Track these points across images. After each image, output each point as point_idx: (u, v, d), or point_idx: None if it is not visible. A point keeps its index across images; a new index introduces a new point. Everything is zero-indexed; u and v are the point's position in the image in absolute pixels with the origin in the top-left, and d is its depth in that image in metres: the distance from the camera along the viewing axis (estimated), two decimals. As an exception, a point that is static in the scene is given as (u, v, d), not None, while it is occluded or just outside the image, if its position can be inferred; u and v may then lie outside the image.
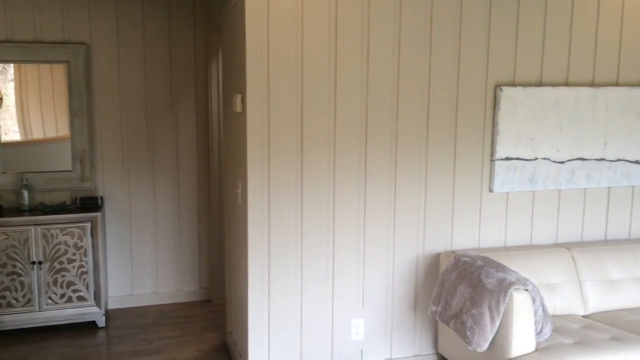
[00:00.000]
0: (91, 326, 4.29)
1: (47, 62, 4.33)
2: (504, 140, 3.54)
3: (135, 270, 4.71)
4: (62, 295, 4.15)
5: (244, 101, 3.18)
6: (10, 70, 4.36)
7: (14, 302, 4.07)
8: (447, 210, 3.55)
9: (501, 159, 3.55)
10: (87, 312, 4.22)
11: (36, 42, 4.27)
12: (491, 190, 3.59)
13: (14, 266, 4.04)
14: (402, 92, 3.38)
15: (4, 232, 4.00)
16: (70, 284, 4.16)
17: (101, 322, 4.28)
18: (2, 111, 4.33)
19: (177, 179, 4.73)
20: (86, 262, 4.17)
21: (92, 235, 4.15)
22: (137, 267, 4.71)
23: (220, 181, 4.69)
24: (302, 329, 3.39)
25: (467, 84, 3.48)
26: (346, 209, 3.37)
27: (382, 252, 3.47)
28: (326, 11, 3.19)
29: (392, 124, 3.39)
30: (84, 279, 4.18)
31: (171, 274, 4.80)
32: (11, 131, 4.41)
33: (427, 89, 3.42)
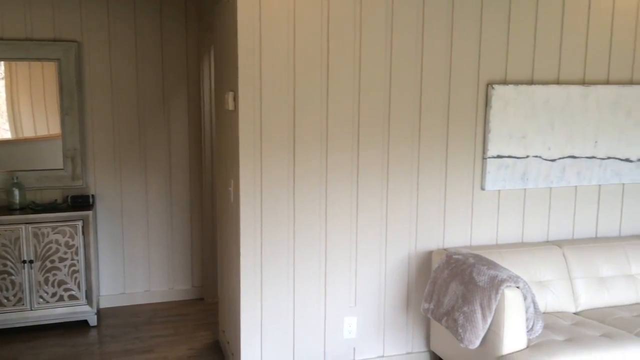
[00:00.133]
0: (83, 325, 4.27)
1: (38, 59, 4.30)
2: (495, 138, 3.56)
3: (127, 268, 4.69)
4: (54, 294, 4.13)
5: (236, 99, 3.18)
6: (0, 68, 4.33)
7: (5, 301, 4.05)
8: (439, 208, 3.56)
9: (493, 157, 3.57)
10: (79, 311, 4.20)
11: (27, 40, 4.25)
12: (483, 188, 3.61)
13: (4, 265, 4.02)
14: (394, 91, 3.38)
15: (-5, 231, 3.98)
16: (61, 283, 4.14)
17: (93, 321, 4.26)
18: (-8, 109, 4.30)
19: (169, 177, 4.72)
20: (77, 260, 4.15)
21: (83, 233, 4.14)
22: (129, 265, 4.70)
23: (212, 179, 4.68)
24: (295, 327, 3.39)
25: (459, 82, 3.49)
26: (338, 207, 3.37)
27: (374, 250, 3.48)
28: (318, 9, 3.19)
29: (384, 122, 3.39)
30: (76, 278, 4.16)
31: (163, 273, 4.79)
32: (2, 129, 4.39)
33: (419, 87, 3.42)
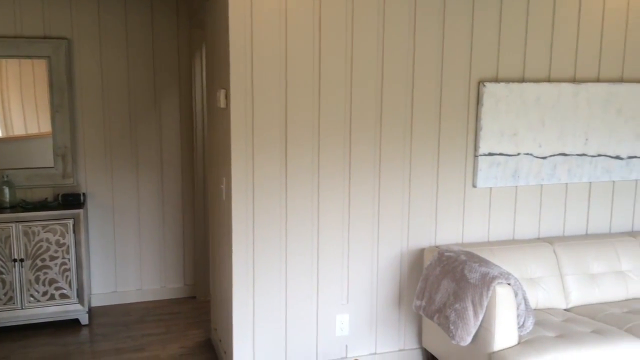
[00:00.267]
0: (74, 324, 4.25)
1: (28, 57, 4.27)
2: (487, 135, 3.57)
3: (118, 267, 4.68)
4: (45, 293, 4.11)
5: (227, 97, 3.17)
6: (-11, 65, 4.29)
7: (-5, 300, 4.03)
8: (431, 205, 3.57)
9: (484, 155, 3.58)
10: (70, 309, 4.18)
11: (16, 37, 4.21)
12: (474, 185, 3.62)
13: (-6, 264, 4.00)
14: (386, 89, 3.38)
15: (-15, 230, 3.95)
16: (52, 282, 4.12)
17: (84, 319, 4.24)
18: (-19, 107, 4.27)
19: (160, 175, 4.70)
20: (68, 259, 4.13)
21: (74, 232, 4.12)
22: (120, 264, 4.68)
23: (204, 177, 4.67)
24: (287, 325, 3.39)
25: (451, 80, 3.49)
26: (331, 204, 3.38)
27: (366, 248, 3.48)
28: (310, 7, 3.18)
29: (376, 120, 3.39)
30: (67, 277, 4.14)
31: (155, 271, 4.77)
32: (-9, 127, 4.35)
33: (411, 85, 3.43)
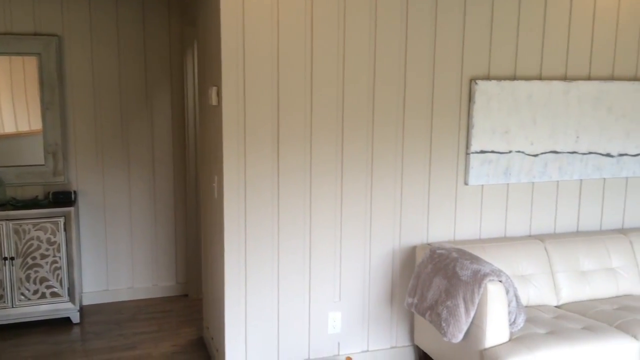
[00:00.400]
0: (65, 322, 4.23)
1: (18, 54, 4.24)
2: (479, 133, 3.58)
3: (110, 265, 4.66)
4: (35, 291, 4.09)
5: (219, 94, 3.16)
6: (-21, 62, 4.26)
7: (-14, 298, 4.01)
8: (423, 203, 3.58)
9: (476, 152, 3.59)
10: (61, 308, 4.16)
11: (6, 34, 4.18)
12: (466, 183, 3.63)
13: (-15, 262, 3.97)
14: (378, 87, 3.38)
15: (-25, 228, 3.93)
16: (43, 280, 4.10)
17: (75, 318, 4.23)
18: (-29, 104, 4.24)
19: (152, 172, 4.69)
20: (60, 257, 4.11)
21: (65, 230, 4.10)
22: (112, 262, 4.66)
23: (196, 175, 4.65)
24: (279, 323, 3.39)
25: (443, 77, 3.50)
26: (323, 202, 3.37)
27: (358, 245, 3.49)
28: (302, 3, 3.17)
29: (368, 117, 3.39)
30: (58, 275, 4.12)
31: (147, 269, 4.76)
32: (-19, 125, 4.32)
33: (402, 82, 3.43)
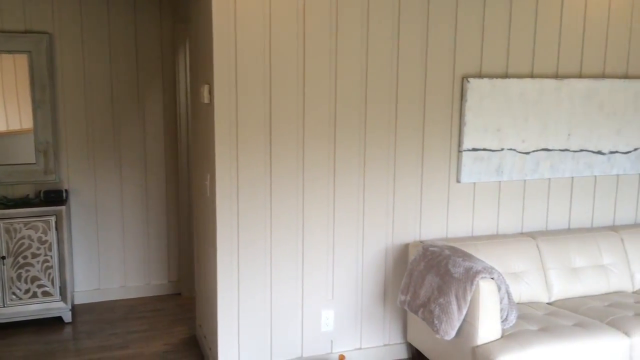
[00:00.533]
0: (57, 322, 4.21)
1: (9, 52, 4.21)
2: (471, 131, 3.58)
3: (102, 264, 4.64)
4: (27, 290, 4.07)
5: (211, 92, 3.15)
6: (-31, 60, 4.23)
7: (-24, 298, 3.98)
8: (415, 201, 3.58)
9: (468, 150, 3.60)
10: (53, 307, 4.14)
11: (-4, 31, 4.16)
12: (459, 180, 3.64)
13: (-25, 262, 3.95)
14: (370, 85, 3.38)
15: (-35, 227, 3.90)
16: (34, 279, 4.07)
17: (67, 317, 4.21)
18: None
19: (144, 170, 4.67)
20: (51, 256, 4.09)
21: (56, 229, 4.07)
22: (104, 261, 4.64)
23: (189, 173, 4.64)
24: (272, 321, 3.39)
25: (435, 76, 3.50)
26: (316, 199, 3.37)
27: (351, 243, 3.49)
28: (294, 1, 3.17)
29: (360, 115, 3.39)
30: (49, 274, 4.10)
31: (139, 268, 4.74)
32: (-29, 123, 4.29)
33: (395, 81, 3.43)
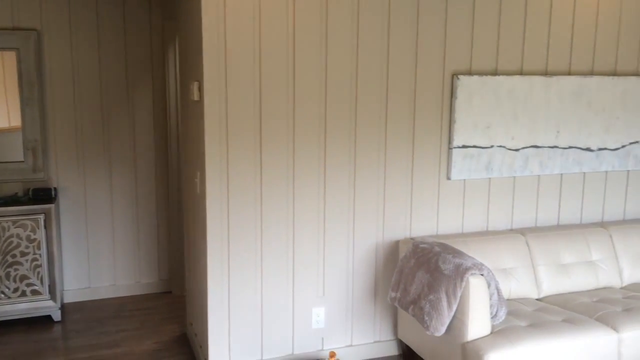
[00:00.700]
0: (47, 321, 4.19)
1: (-4, 49, 4.18)
2: (461, 128, 3.60)
3: (92, 262, 4.61)
4: (16, 289, 4.04)
5: (201, 89, 3.14)
6: (-44, 57, 4.19)
7: (-36, 297, 3.95)
8: (405, 198, 3.59)
9: (458, 147, 3.61)
10: (42, 306, 4.11)
11: (-17, 28, 4.12)
12: (449, 177, 3.65)
13: (-37, 260, 3.91)
14: (361, 81, 3.39)
15: (-48, 226, 3.87)
16: (23, 278, 4.04)
17: (57, 316, 4.18)
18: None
19: (134, 168, 4.64)
20: (40, 255, 4.06)
21: (45, 227, 4.05)
22: (93, 259, 4.61)
23: (179, 171, 4.62)
24: (263, 319, 3.38)
25: (425, 73, 3.51)
26: (306, 197, 3.37)
27: (342, 240, 3.49)
28: (284, -2, 3.17)
29: (350, 112, 3.39)
30: (38, 273, 4.07)
31: (129, 266, 4.72)
32: (-42, 121, 4.25)
33: (385, 78, 3.43)
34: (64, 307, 4.41)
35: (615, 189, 4.09)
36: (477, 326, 2.96)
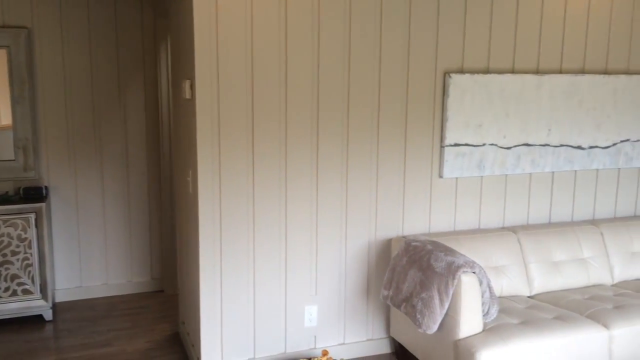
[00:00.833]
0: (38, 320, 4.17)
1: (-14, 46, 4.15)
2: (453, 126, 3.60)
3: (83, 261, 4.59)
4: (6, 288, 4.01)
5: (192, 87, 3.13)
6: (-55, 55, 4.15)
7: (-46, 297, 3.92)
8: (398, 196, 3.59)
9: (450, 145, 3.62)
10: (33, 305, 4.09)
11: (-27, 26, 4.09)
12: (441, 176, 3.66)
13: (-47, 260, 3.88)
14: (353, 80, 3.39)
15: (-58, 225, 3.84)
16: (14, 277, 4.02)
17: (48, 315, 4.16)
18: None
19: (126, 167, 4.62)
20: (31, 254, 4.03)
21: (36, 226, 4.02)
22: (85, 258, 4.59)
23: (171, 169, 4.61)
24: (255, 317, 3.38)
25: (417, 71, 3.51)
26: (298, 196, 3.37)
27: (334, 239, 3.49)
28: (276, -4, 3.16)
29: (343, 111, 3.39)
30: (29, 272, 4.05)
31: (121, 265, 4.70)
32: (-52, 119, 4.21)
33: (377, 76, 3.43)
34: (55, 307, 4.39)
35: (606, 187, 4.12)
36: (469, 324, 2.97)
